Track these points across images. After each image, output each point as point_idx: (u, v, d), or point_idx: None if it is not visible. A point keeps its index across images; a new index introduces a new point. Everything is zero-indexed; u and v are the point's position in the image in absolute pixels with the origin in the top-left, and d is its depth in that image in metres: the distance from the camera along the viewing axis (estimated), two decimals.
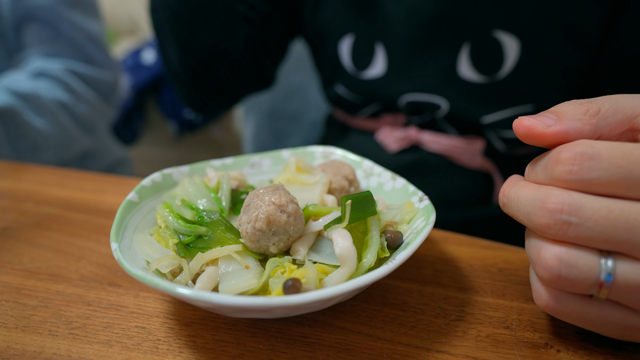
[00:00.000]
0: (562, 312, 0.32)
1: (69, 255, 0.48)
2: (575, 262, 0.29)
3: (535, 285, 0.33)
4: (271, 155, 0.54)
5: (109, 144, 1.23)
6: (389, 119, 0.75)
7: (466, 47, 0.65)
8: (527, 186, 0.33)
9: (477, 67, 0.65)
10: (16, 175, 0.67)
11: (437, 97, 0.69)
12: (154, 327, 0.39)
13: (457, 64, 0.66)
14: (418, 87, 0.69)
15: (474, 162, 0.71)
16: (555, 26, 0.61)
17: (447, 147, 0.71)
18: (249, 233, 0.37)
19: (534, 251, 0.32)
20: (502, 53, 0.63)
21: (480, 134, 0.70)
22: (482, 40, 0.64)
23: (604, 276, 0.29)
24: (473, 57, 0.65)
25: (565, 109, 0.33)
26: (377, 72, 0.71)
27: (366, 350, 0.36)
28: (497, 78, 0.65)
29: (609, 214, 0.28)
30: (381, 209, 0.44)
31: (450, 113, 0.69)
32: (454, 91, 0.67)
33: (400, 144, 0.73)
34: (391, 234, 0.39)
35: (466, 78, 0.66)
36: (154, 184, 0.46)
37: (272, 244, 0.37)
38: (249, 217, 0.37)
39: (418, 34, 0.67)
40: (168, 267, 0.37)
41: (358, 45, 0.72)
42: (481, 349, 0.36)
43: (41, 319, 0.40)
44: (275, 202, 0.36)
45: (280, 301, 0.30)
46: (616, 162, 0.28)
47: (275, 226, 0.36)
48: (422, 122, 0.73)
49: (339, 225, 0.37)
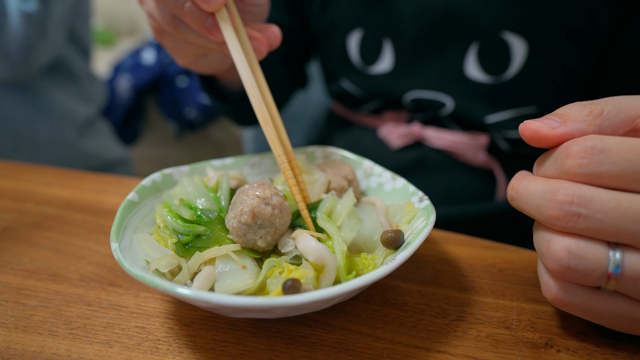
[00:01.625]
0: (571, 305, 0.32)
1: (69, 255, 0.48)
2: (584, 253, 0.30)
3: (544, 278, 0.34)
4: (271, 155, 0.54)
5: (110, 142, 1.22)
6: (391, 116, 0.76)
7: (474, 47, 0.65)
8: (536, 180, 0.33)
9: (484, 67, 0.66)
10: (16, 175, 0.67)
11: (442, 95, 0.69)
12: (154, 327, 0.39)
13: (465, 63, 0.66)
14: (424, 85, 0.70)
15: (477, 158, 0.71)
16: (562, 30, 0.61)
17: (451, 143, 0.71)
18: (235, 227, 0.37)
19: (543, 243, 0.32)
20: (509, 54, 0.64)
21: (484, 131, 0.70)
22: (490, 41, 0.64)
23: (612, 268, 0.29)
24: (481, 57, 0.65)
25: (569, 111, 0.33)
26: (384, 68, 0.72)
27: (366, 350, 0.36)
28: (503, 79, 0.65)
29: (618, 206, 0.29)
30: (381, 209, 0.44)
31: (454, 111, 0.69)
32: (459, 90, 0.68)
33: (404, 140, 0.74)
34: (392, 233, 0.39)
35: (473, 78, 0.66)
36: (154, 184, 0.46)
37: (259, 237, 0.37)
38: (234, 212, 0.37)
39: (427, 32, 0.67)
40: (167, 266, 0.37)
41: (366, 40, 0.72)
42: (481, 349, 0.36)
43: (41, 319, 0.40)
44: (260, 196, 0.37)
45: (281, 301, 0.30)
46: (626, 155, 0.29)
47: (260, 219, 0.36)
48: (426, 119, 0.74)
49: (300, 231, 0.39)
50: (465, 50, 0.66)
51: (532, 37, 0.62)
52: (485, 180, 0.73)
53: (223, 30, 0.43)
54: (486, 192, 0.73)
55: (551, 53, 0.63)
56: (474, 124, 0.69)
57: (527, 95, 0.66)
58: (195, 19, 0.43)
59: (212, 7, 0.42)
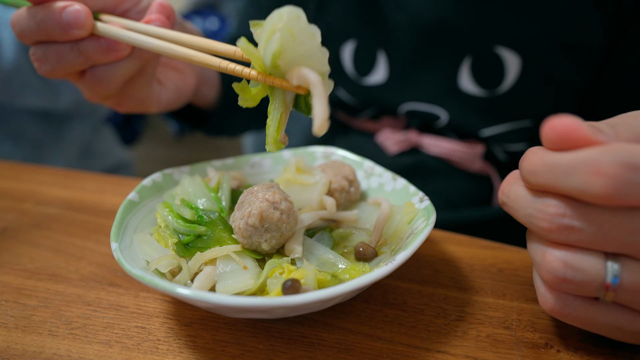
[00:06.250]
0: (569, 316, 0.32)
1: (69, 255, 0.48)
2: (581, 264, 0.29)
3: (540, 289, 0.33)
4: (272, 156, 0.54)
5: (112, 145, 1.22)
6: (389, 122, 0.76)
7: (467, 61, 0.65)
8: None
9: (477, 81, 0.65)
10: (16, 175, 0.67)
11: (436, 108, 0.69)
12: (154, 327, 0.39)
13: (458, 76, 0.66)
14: (418, 97, 0.69)
15: (473, 165, 0.71)
16: (556, 45, 0.61)
17: (447, 151, 0.71)
18: (242, 229, 0.37)
19: (537, 254, 0.31)
20: (503, 68, 0.63)
21: (480, 141, 0.70)
22: (483, 55, 0.64)
23: (610, 279, 0.28)
24: (474, 70, 0.65)
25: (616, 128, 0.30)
26: (378, 79, 0.72)
27: (366, 350, 0.36)
28: (497, 93, 0.65)
29: (612, 217, 0.27)
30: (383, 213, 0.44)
31: (449, 124, 0.69)
32: (453, 103, 0.68)
33: (400, 147, 0.74)
34: (363, 247, 0.39)
35: (466, 91, 0.66)
36: (155, 184, 0.46)
37: (264, 240, 0.37)
38: (242, 213, 0.37)
39: (420, 43, 0.67)
40: (167, 266, 0.37)
41: (360, 50, 0.72)
42: (481, 349, 0.36)
43: (41, 319, 0.40)
44: (269, 199, 0.37)
45: (280, 301, 0.30)
46: None
47: (267, 223, 0.36)
48: (422, 126, 0.74)
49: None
50: (458, 64, 0.65)
51: (526, 51, 0.62)
52: (482, 186, 0.72)
53: (117, 37, 0.42)
54: (483, 198, 0.73)
55: (545, 67, 0.62)
56: (470, 134, 0.70)
57: (521, 109, 0.66)
58: (92, 49, 0.42)
59: (80, 28, 0.41)
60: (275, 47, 0.33)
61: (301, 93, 0.35)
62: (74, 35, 0.41)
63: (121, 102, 0.50)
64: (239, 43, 0.35)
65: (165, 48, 0.40)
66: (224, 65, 0.38)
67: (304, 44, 0.33)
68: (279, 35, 0.32)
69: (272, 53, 0.33)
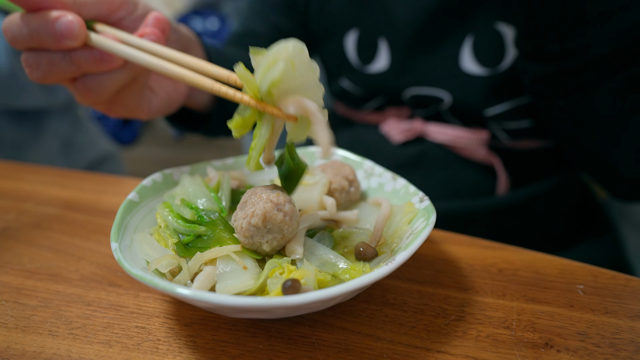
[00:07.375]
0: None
1: (69, 255, 0.48)
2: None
3: None
4: None
5: (94, 137, 1.18)
6: (393, 112, 0.77)
7: (469, 40, 0.66)
8: None
9: (479, 60, 0.66)
10: (16, 175, 0.67)
11: (440, 91, 0.70)
12: (154, 327, 0.39)
13: (460, 57, 0.67)
14: (421, 81, 0.70)
15: (478, 154, 0.72)
16: None
17: (452, 137, 0.72)
18: (244, 228, 0.37)
19: None
20: (503, 45, 0.64)
21: (484, 125, 0.71)
22: (484, 33, 0.64)
23: None
24: (476, 49, 0.66)
25: None
26: (381, 67, 0.73)
27: (366, 350, 0.36)
28: (499, 70, 0.66)
29: None
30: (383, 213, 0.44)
31: (453, 106, 0.70)
32: (457, 84, 0.68)
33: (405, 135, 0.74)
34: (363, 247, 0.39)
35: (469, 71, 0.67)
36: (155, 184, 0.46)
37: (265, 241, 0.37)
38: (245, 212, 0.37)
39: (421, 29, 0.68)
40: (167, 266, 0.37)
41: (362, 39, 0.73)
42: (481, 349, 0.36)
43: (41, 319, 0.40)
44: (273, 200, 0.37)
45: (280, 301, 0.30)
46: None
47: (270, 224, 0.36)
48: (427, 115, 0.74)
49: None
50: (460, 44, 0.66)
51: None
52: (486, 176, 0.73)
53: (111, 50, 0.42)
54: (487, 187, 0.73)
55: None
56: (473, 118, 0.70)
57: (522, 85, 0.66)
58: (84, 59, 0.42)
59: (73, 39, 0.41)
60: (276, 75, 0.34)
61: (291, 121, 0.37)
62: (67, 45, 0.41)
63: (112, 108, 0.50)
64: (237, 68, 0.36)
65: (158, 65, 0.41)
66: (217, 88, 0.39)
67: (302, 76, 0.35)
68: (282, 65, 0.34)
69: (270, 80, 0.35)
